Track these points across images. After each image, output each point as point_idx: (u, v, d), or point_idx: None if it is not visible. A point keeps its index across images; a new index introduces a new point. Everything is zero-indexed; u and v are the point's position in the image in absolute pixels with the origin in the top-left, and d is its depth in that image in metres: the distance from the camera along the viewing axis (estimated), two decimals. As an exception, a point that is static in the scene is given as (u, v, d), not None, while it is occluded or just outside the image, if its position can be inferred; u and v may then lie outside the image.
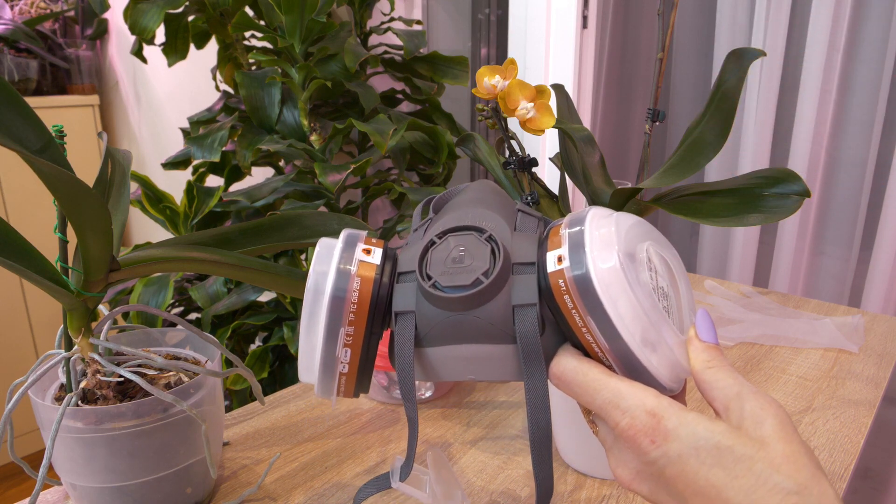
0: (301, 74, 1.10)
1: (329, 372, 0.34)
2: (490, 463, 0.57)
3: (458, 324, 0.32)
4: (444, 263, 0.32)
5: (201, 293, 1.15)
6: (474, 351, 0.33)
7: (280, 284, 0.50)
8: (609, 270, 0.30)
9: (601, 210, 0.34)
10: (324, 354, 0.33)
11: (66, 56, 1.99)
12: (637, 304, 0.30)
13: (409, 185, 1.21)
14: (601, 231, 0.32)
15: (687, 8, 1.28)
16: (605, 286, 0.30)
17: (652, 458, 0.29)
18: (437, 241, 0.33)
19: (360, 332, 0.33)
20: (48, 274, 0.43)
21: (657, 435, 0.28)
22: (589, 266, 0.30)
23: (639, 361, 0.30)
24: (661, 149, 1.41)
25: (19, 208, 1.89)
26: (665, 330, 0.31)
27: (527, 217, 0.36)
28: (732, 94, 0.48)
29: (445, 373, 0.34)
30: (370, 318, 0.33)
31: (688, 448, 0.28)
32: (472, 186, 0.40)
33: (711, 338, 0.33)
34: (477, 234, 0.33)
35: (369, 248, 0.34)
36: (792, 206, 0.45)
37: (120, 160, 0.52)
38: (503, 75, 0.46)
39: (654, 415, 0.29)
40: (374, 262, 0.34)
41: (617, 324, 0.30)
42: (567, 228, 0.32)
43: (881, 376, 0.72)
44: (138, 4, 1.11)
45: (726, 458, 0.27)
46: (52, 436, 0.43)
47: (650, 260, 0.33)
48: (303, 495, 0.53)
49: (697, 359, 0.32)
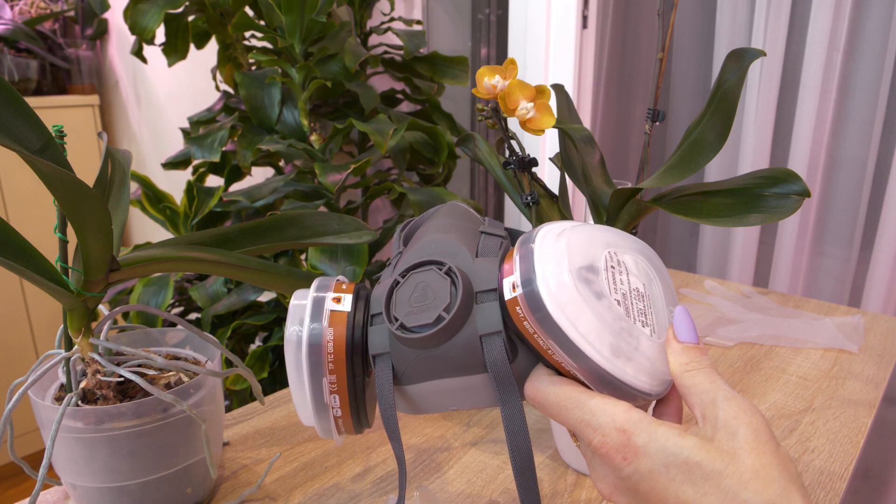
0: (301, 74, 1.10)
1: (324, 417, 0.35)
2: (490, 463, 0.57)
3: (430, 360, 0.32)
4: (408, 303, 0.33)
5: (201, 293, 1.15)
6: (451, 384, 0.33)
7: (280, 284, 0.50)
8: (562, 292, 0.30)
9: (552, 227, 0.33)
10: (314, 403, 0.34)
11: (66, 56, 1.99)
12: (599, 318, 0.30)
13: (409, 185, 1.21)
14: (550, 251, 0.31)
15: (687, 8, 1.28)
16: (560, 309, 0.29)
17: (625, 475, 0.29)
18: (401, 281, 0.34)
19: (342, 379, 0.34)
20: (48, 274, 0.43)
21: (628, 452, 0.29)
22: (540, 291, 0.30)
23: (610, 375, 0.30)
24: (661, 149, 1.41)
25: (19, 208, 1.89)
26: (638, 336, 0.31)
27: (489, 238, 0.36)
28: (732, 94, 0.48)
29: (429, 407, 0.35)
30: (349, 364, 0.34)
31: (658, 464, 0.28)
32: (440, 211, 0.40)
33: (690, 337, 0.32)
34: (437, 269, 0.33)
35: (339, 295, 0.35)
36: (792, 206, 0.45)
37: (120, 160, 0.52)
38: (503, 75, 0.46)
39: (623, 431, 0.29)
40: (344, 310, 0.34)
41: (580, 343, 0.29)
42: (518, 252, 0.32)
43: (881, 376, 0.72)
44: (138, 4, 1.11)
45: (695, 474, 0.27)
46: (52, 436, 0.43)
47: (619, 263, 0.33)
48: (303, 495, 0.53)
49: (675, 362, 0.31)
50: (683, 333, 0.32)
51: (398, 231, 0.41)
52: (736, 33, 1.17)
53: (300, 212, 0.55)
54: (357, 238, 0.54)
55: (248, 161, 1.08)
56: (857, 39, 1.07)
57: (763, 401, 0.68)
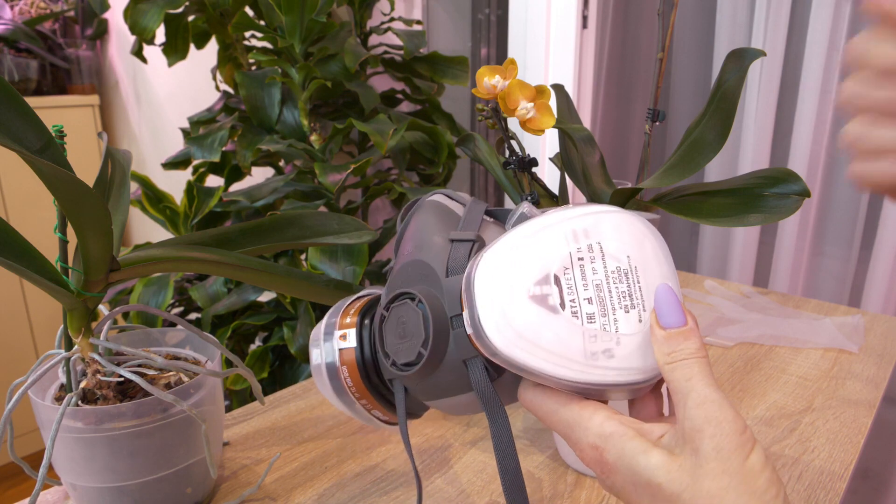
0: (301, 74, 1.10)
1: (370, 422, 0.40)
2: (490, 463, 0.57)
3: (428, 387, 0.35)
4: (394, 343, 0.35)
5: (201, 293, 1.15)
6: (451, 402, 0.35)
7: (280, 284, 0.50)
8: (510, 326, 0.29)
9: (494, 249, 0.31)
10: (363, 420, 0.40)
11: (66, 56, 1.99)
12: (562, 333, 0.29)
13: (409, 185, 1.21)
14: (491, 283, 0.30)
15: (687, 8, 1.28)
16: (513, 344, 0.29)
17: (606, 485, 0.30)
18: (386, 315, 0.36)
19: (371, 400, 0.38)
20: (48, 274, 0.43)
21: (603, 467, 0.29)
22: (487, 335, 0.30)
23: (588, 383, 0.30)
24: (661, 149, 1.41)
25: (19, 208, 1.89)
26: (618, 331, 0.30)
27: (459, 246, 0.35)
28: (732, 94, 0.48)
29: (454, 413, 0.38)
30: (371, 389, 0.38)
31: (627, 483, 0.29)
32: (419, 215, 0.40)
33: (674, 320, 0.30)
34: (410, 302, 0.34)
35: (344, 332, 0.38)
36: (792, 206, 0.45)
37: (120, 160, 0.52)
38: (503, 75, 0.46)
39: (595, 448, 0.29)
40: (350, 346, 0.38)
41: (544, 368, 0.29)
42: (464, 287, 0.31)
43: (881, 376, 0.72)
44: (138, 4, 1.11)
45: (658, 496, 0.27)
46: (52, 436, 0.43)
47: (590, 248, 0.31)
48: (303, 495, 0.53)
49: (659, 353, 0.30)
50: (666, 316, 0.30)
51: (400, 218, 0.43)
52: (736, 33, 1.17)
53: (300, 212, 0.55)
54: (357, 238, 0.54)
55: (248, 161, 1.08)
56: (857, 39, 1.07)
57: (763, 401, 0.68)
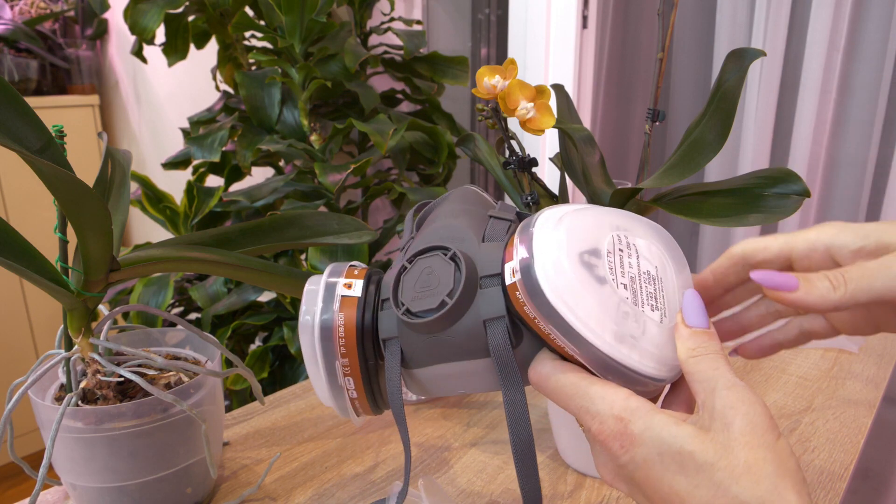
0: (301, 74, 1.10)
1: (340, 398, 0.36)
2: (490, 463, 0.57)
3: (436, 345, 0.33)
4: (414, 288, 0.33)
5: (201, 293, 1.15)
6: (456, 368, 0.33)
7: (280, 284, 0.50)
8: (560, 277, 0.29)
9: (555, 210, 0.33)
10: (329, 385, 0.35)
11: (66, 56, 1.99)
12: (600, 304, 0.29)
13: (409, 185, 1.21)
14: (549, 236, 0.31)
15: (687, 8, 1.28)
16: (558, 294, 0.29)
17: (622, 462, 0.29)
18: (408, 266, 0.34)
19: (354, 363, 0.35)
20: (48, 274, 0.43)
21: (625, 440, 0.28)
22: (538, 277, 0.30)
23: (613, 360, 0.29)
24: (661, 149, 1.41)
25: (19, 208, 1.89)
26: (645, 322, 0.30)
27: (498, 222, 0.36)
28: (732, 94, 0.48)
29: (437, 390, 0.35)
30: (360, 348, 0.35)
31: (652, 453, 0.27)
32: (450, 197, 0.40)
33: (699, 321, 0.31)
34: (442, 254, 0.33)
35: (350, 281, 0.36)
36: (792, 206, 0.45)
37: (120, 160, 0.52)
38: (503, 75, 0.46)
39: (620, 419, 0.29)
40: (354, 296, 0.35)
41: (579, 328, 0.29)
42: (517, 237, 0.32)
43: (881, 376, 0.72)
44: (138, 4, 1.11)
45: (688, 465, 0.27)
46: (52, 436, 0.43)
47: (629, 245, 0.32)
48: (303, 495, 0.53)
49: (682, 348, 0.30)
50: (692, 318, 0.31)
51: (410, 215, 0.41)
52: (736, 33, 1.17)
53: (300, 212, 0.55)
54: (357, 238, 0.54)
55: (248, 161, 1.08)
56: (857, 39, 1.07)
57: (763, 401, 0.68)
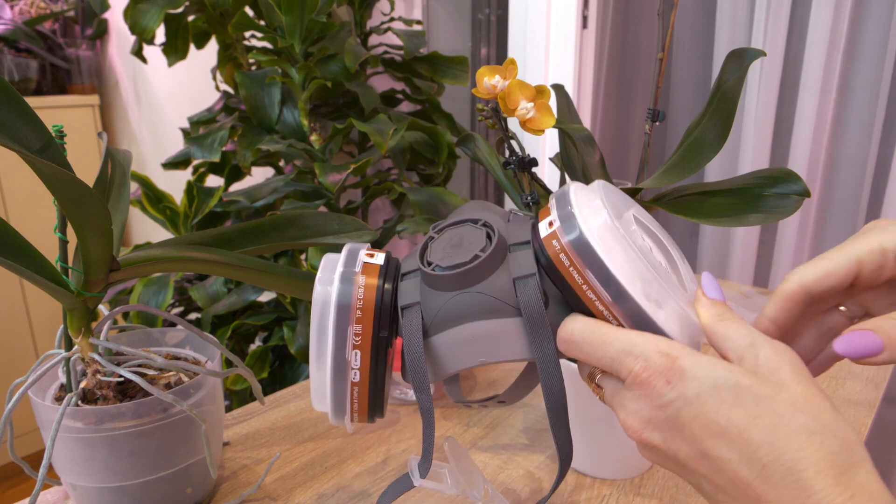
0: (301, 74, 1.10)
1: (341, 380, 0.34)
2: (490, 463, 0.57)
3: (461, 302, 0.33)
4: (444, 250, 0.34)
5: (201, 293, 1.15)
6: (481, 328, 0.33)
7: (280, 284, 0.50)
8: (599, 223, 0.31)
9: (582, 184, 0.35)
10: (334, 358, 0.33)
11: (66, 56, 1.99)
12: (633, 256, 0.30)
13: (409, 185, 1.21)
14: (586, 193, 0.33)
15: (687, 8, 1.28)
16: (597, 237, 0.30)
17: (668, 400, 0.28)
18: (436, 236, 0.35)
19: (367, 331, 0.33)
20: (48, 274, 0.43)
21: (673, 375, 0.28)
22: (579, 221, 0.31)
23: (646, 314, 0.30)
24: (661, 149, 1.41)
25: (19, 208, 1.89)
26: (667, 286, 0.31)
27: (519, 217, 0.38)
28: (732, 94, 0.48)
29: (456, 361, 0.34)
30: (377, 314, 0.34)
31: (707, 387, 0.27)
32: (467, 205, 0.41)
33: (719, 296, 0.32)
34: (472, 224, 0.35)
35: (373, 252, 0.36)
36: (792, 206, 0.45)
37: (120, 160, 0.52)
38: (503, 75, 0.46)
39: (668, 355, 0.28)
40: (377, 263, 0.35)
41: (617, 273, 0.30)
42: (554, 198, 0.33)
43: (881, 376, 0.72)
44: (138, 4, 1.11)
45: (746, 397, 0.26)
46: (52, 436, 0.43)
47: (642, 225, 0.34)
48: (303, 495, 0.53)
49: (707, 314, 0.31)
50: (711, 291, 0.32)
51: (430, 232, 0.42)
52: (736, 33, 1.17)
53: (300, 212, 0.55)
54: (357, 238, 0.54)
55: (248, 161, 1.08)
56: (857, 39, 1.07)
57: (763, 401, 0.68)
